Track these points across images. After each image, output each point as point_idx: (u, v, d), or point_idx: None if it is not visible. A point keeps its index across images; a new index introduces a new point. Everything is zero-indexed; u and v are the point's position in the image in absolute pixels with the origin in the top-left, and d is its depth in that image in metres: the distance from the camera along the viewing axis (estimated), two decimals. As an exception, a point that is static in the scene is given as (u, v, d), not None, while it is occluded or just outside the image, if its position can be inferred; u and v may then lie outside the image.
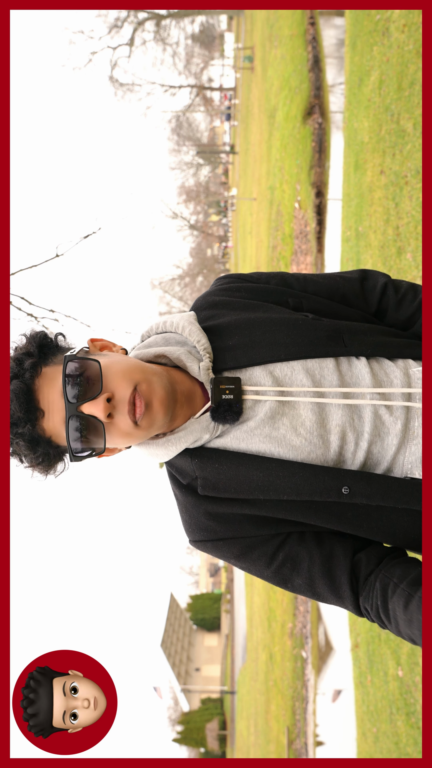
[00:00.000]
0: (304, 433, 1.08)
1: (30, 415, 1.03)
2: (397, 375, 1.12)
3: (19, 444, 1.04)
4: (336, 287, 1.25)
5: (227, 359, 1.13)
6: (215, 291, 1.24)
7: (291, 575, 1.11)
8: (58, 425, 1.04)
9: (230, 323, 1.16)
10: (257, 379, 1.11)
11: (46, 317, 11.42)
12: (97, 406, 1.03)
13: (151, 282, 48.24)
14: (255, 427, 1.09)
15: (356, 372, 1.12)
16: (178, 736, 42.98)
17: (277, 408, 1.09)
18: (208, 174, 49.09)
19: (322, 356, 1.12)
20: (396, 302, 1.25)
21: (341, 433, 1.08)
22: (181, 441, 1.11)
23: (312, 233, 9.38)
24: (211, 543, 1.13)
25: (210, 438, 1.11)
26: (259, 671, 15.84)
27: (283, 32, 13.53)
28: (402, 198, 4.79)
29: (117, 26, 32.31)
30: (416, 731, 4.03)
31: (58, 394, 1.04)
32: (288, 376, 1.11)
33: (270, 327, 1.13)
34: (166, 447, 1.12)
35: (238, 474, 1.09)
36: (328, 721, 8.76)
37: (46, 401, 1.04)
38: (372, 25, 5.80)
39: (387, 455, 1.09)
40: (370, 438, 1.08)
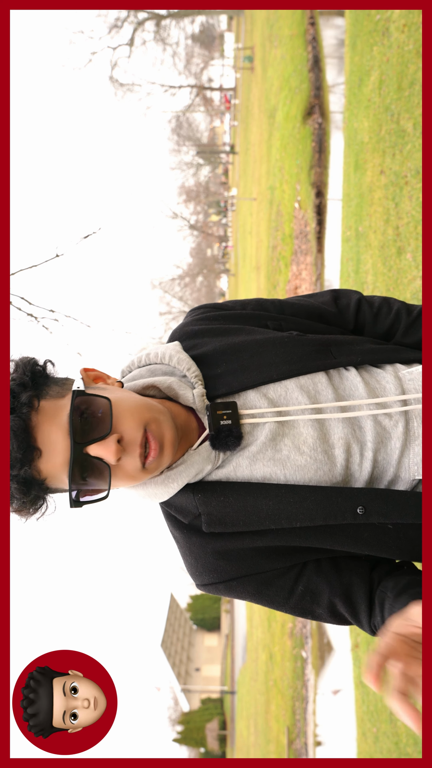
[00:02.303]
0: (308, 451, 1.03)
1: (27, 455, 0.93)
2: (389, 380, 1.10)
3: (12, 486, 0.94)
4: (312, 307, 1.23)
5: (218, 386, 1.08)
6: (192, 321, 1.19)
7: (312, 606, 1.07)
8: (57, 467, 0.95)
9: (215, 350, 1.11)
10: (252, 402, 1.06)
11: (46, 317, 11.43)
12: (108, 448, 0.94)
13: (151, 282, 48.24)
14: (257, 451, 1.03)
15: (349, 384, 1.09)
16: (178, 736, 43.02)
17: (277, 429, 1.04)
18: (208, 174, 49.11)
19: (314, 371, 1.08)
20: (372, 317, 1.24)
21: (345, 446, 1.04)
22: (181, 476, 1.04)
23: (312, 233, 9.39)
24: (224, 584, 1.07)
25: (212, 469, 1.04)
26: (259, 671, 15.85)
27: (283, 32, 13.54)
28: (402, 198, 4.79)
29: (117, 26, 32.31)
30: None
31: (60, 433, 0.94)
32: (283, 396, 1.06)
33: (257, 349, 1.10)
34: (166, 485, 1.04)
35: (245, 505, 1.02)
36: (328, 721, 8.76)
37: (46, 440, 0.94)
38: (372, 25, 5.80)
39: (392, 460, 1.06)
40: (374, 446, 1.04)
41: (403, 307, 1.25)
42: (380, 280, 5.22)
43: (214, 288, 50.77)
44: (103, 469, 0.96)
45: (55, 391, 0.99)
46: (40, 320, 11.29)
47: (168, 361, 1.11)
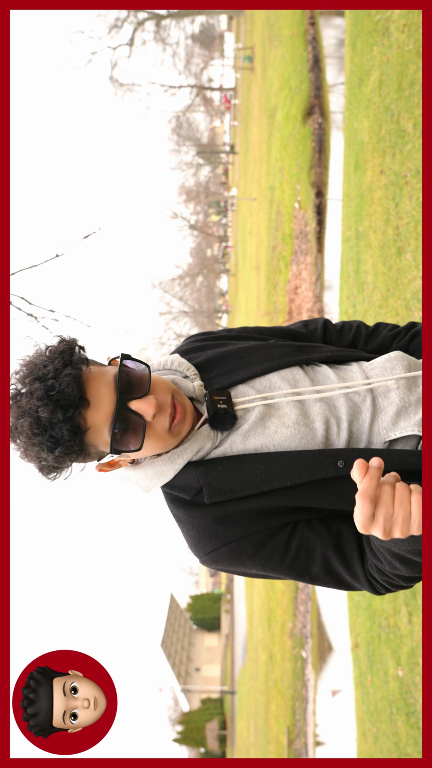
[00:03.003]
0: (291, 425, 1.20)
1: (76, 401, 1.06)
2: (355, 370, 1.30)
3: (63, 429, 1.04)
4: (286, 329, 1.47)
5: (213, 385, 1.27)
6: (186, 344, 1.41)
7: (307, 564, 1.19)
8: (102, 418, 1.09)
9: (207, 359, 1.32)
10: (242, 393, 1.25)
11: (46, 317, 11.42)
12: (148, 403, 1.12)
13: (151, 282, 48.20)
14: (249, 429, 1.21)
15: (321, 375, 1.29)
16: (178, 736, 43.00)
17: (265, 411, 1.22)
18: (208, 174, 49.09)
19: (291, 365, 1.29)
20: (336, 333, 1.48)
21: (324, 420, 1.21)
22: (186, 452, 1.20)
23: (312, 233, 9.39)
24: (225, 548, 1.18)
25: (211, 447, 1.21)
26: (259, 671, 15.84)
27: (283, 32, 13.54)
28: (402, 198, 4.79)
29: (117, 26, 32.28)
30: (416, 731, 4.03)
31: (108, 389, 1.10)
32: (267, 386, 1.26)
33: (243, 353, 1.31)
34: (172, 461, 1.20)
35: (241, 472, 1.17)
36: (328, 721, 8.76)
37: (94, 393, 1.09)
38: (372, 25, 5.80)
39: (364, 428, 1.23)
40: (348, 418, 1.22)
41: (363, 324, 1.50)
42: (380, 280, 5.22)
43: (214, 288, 50.76)
44: (138, 426, 1.13)
45: (98, 364, 1.18)
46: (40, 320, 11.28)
47: (170, 366, 1.31)
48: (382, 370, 1.29)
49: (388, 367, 1.29)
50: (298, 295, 10.03)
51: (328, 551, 1.18)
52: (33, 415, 1.04)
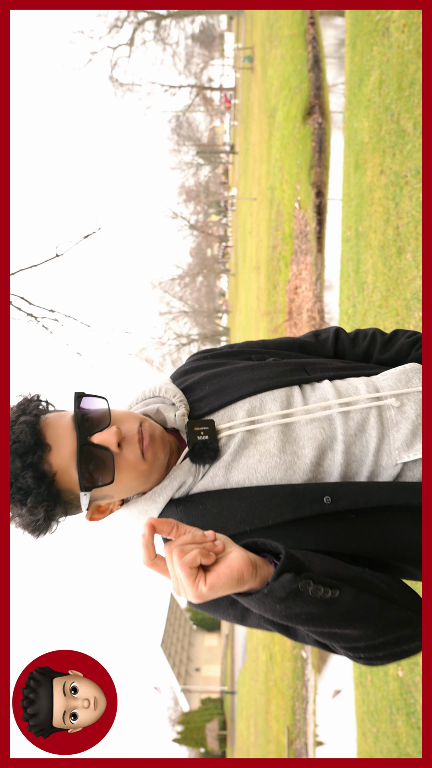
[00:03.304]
0: (277, 453, 1.10)
1: (39, 446, 1.04)
2: (360, 383, 1.18)
3: (26, 477, 1.02)
4: (294, 340, 1.37)
5: (202, 407, 1.19)
6: (186, 364, 1.34)
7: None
8: (66, 457, 1.05)
9: (200, 379, 1.24)
10: (231, 416, 1.16)
11: (46, 317, 11.44)
12: (109, 434, 1.06)
13: (151, 282, 48.18)
14: (231, 460, 1.12)
15: (319, 393, 1.17)
16: (178, 736, 43.01)
17: (246, 437, 1.13)
18: (208, 174, 49.08)
19: (288, 385, 1.18)
20: (350, 341, 1.37)
21: (315, 444, 1.10)
22: (166, 489, 1.13)
23: (312, 233, 9.39)
24: None
25: (194, 482, 1.13)
26: (259, 671, 15.85)
27: (283, 32, 13.54)
28: (402, 198, 4.79)
29: (117, 26, 32.26)
30: (416, 731, 4.03)
31: (67, 429, 1.07)
32: (258, 407, 1.16)
33: (236, 372, 1.22)
34: (153, 499, 1.14)
35: (221, 510, 1.09)
36: (328, 721, 8.76)
37: (53, 436, 1.06)
38: (372, 25, 5.80)
39: (369, 450, 1.10)
40: (345, 439, 1.10)
41: (379, 331, 1.37)
42: (380, 280, 5.22)
43: (214, 288, 50.76)
44: (106, 458, 1.07)
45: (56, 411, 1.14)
46: (40, 320, 11.29)
47: (158, 393, 1.24)
48: (396, 382, 1.16)
49: (403, 380, 1.17)
50: (298, 295, 10.03)
51: None
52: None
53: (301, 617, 0.91)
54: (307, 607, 0.89)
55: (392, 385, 1.16)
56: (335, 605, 0.90)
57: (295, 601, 0.88)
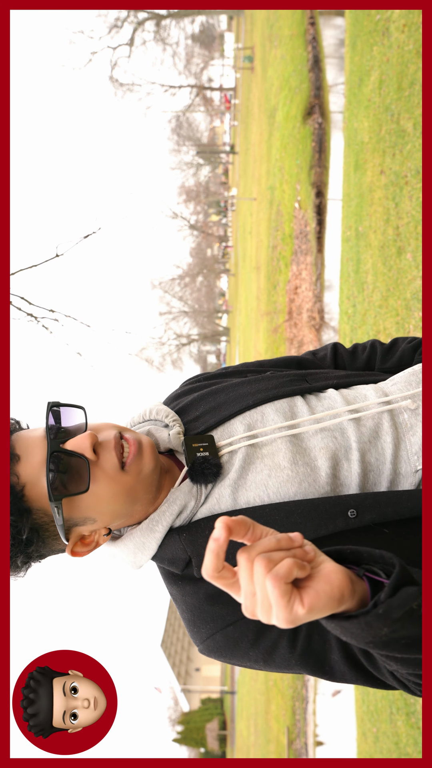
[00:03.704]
0: (288, 466, 1.00)
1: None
2: (369, 389, 1.10)
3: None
4: (292, 358, 1.29)
5: (198, 426, 1.09)
6: (179, 388, 1.25)
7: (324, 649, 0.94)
8: (36, 467, 0.95)
9: (195, 399, 1.15)
10: (230, 432, 1.07)
11: (46, 317, 11.44)
12: (83, 438, 0.96)
13: (151, 282, 48.20)
14: (237, 478, 1.01)
15: (327, 402, 1.08)
16: (178, 736, 43.02)
17: (250, 452, 1.03)
18: (208, 174, 49.09)
19: (290, 395, 1.09)
20: (349, 355, 1.30)
21: (328, 455, 1.01)
22: (165, 516, 1.01)
23: (312, 233, 9.39)
24: (221, 634, 0.98)
25: (196, 505, 1.01)
26: (259, 671, 15.82)
27: (283, 32, 13.54)
28: (402, 198, 4.79)
29: (117, 26, 32.28)
30: (416, 731, 4.03)
31: (38, 439, 0.97)
32: (259, 420, 1.06)
33: (233, 387, 1.13)
34: (151, 528, 1.02)
35: None
36: (328, 721, 8.76)
37: (23, 445, 0.97)
38: (372, 25, 5.80)
39: (386, 458, 1.02)
40: (359, 447, 1.02)
41: (377, 341, 1.31)
42: (380, 280, 5.22)
43: (214, 288, 50.77)
44: (81, 466, 0.96)
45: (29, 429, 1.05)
46: (40, 320, 11.30)
47: (149, 415, 1.14)
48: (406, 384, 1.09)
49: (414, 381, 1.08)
50: (298, 295, 10.03)
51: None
52: None
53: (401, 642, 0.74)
54: (415, 629, 0.73)
55: (402, 388, 1.08)
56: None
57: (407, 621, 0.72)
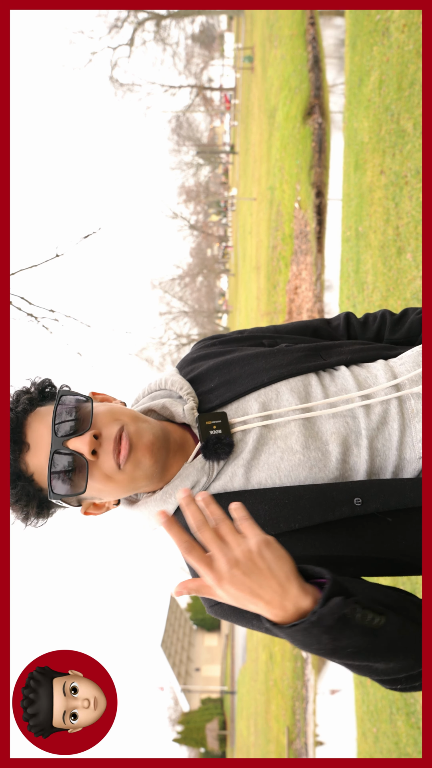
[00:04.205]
0: (300, 450, 1.03)
1: (15, 446, 1.02)
2: (379, 369, 1.12)
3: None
4: (306, 325, 1.30)
5: (212, 399, 1.12)
6: (192, 351, 1.27)
7: None
8: (42, 461, 1.02)
9: (209, 368, 1.16)
10: (244, 409, 1.09)
11: (46, 317, 11.43)
12: (83, 440, 1.00)
13: (151, 282, 48.21)
14: (250, 458, 1.05)
15: (340, 382, 1.10)
16: (178, 736, 43.01)
17: (264, 433, 1.06)
18: (208, 174, 49.09)
19: (303, 372, 1.11)
20: (360, 325, 1.32)
21: (339, 440, 1.04)
22: (177, 489, 1.06)
23: (312, 233, 9.39)
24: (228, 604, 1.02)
25: (208, 481, 1.06)
26: (259, 671, 15.85)
27: (283, 32, 13.54)
28: (402, 198, 4.79)
29: (117, 26, 32.27)
30: (416, 731, 4.03)
31: (47, 430, 1.03)
32: (274, 399, 1.09)
33: (247, 360, 1.14)
34: (164, 500, 1.07)
35: None
36: (328, 721, 8.76)
37: (34, 435, 1.03)
38: (372, 25, 5.79)
39: (393, 444, 1.05)
40: (368, 434, 1.04)
41: (388, 312, 1.32)
42: (380, 280, 5.22)
43: (214, 288, 50.76)
44: (82, 466, 1.02)
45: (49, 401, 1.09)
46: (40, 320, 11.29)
47: (164, 385, 1.17)
48: (414, 365, 1.10)
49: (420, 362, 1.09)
50: (298, 295, 10.03)
51: None
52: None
53: (347, 650, 0.85)
54: (355, 638, 0.83)
55: (410, 368, 1.10)
56: (382, 635, 0.84)
57: (342, 630, 0.81)
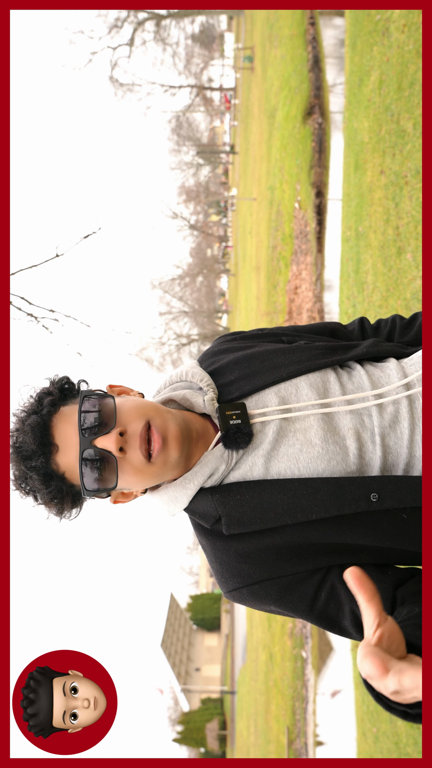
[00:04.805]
0: (319, 443, 1.07)
1: (44, 448, 1.04)
2: (392, 368, 1.16)
3: (33, 478, 1.04)
4: (324, 326, 1.35)
5: (232, 391, 1.16)
6: (214, 346, 1.31)
7: (337, 615, 1.05)
8: (72, 461, 1.05)
9: (230, 361, 1.20)
10: (264, 402, 1.13)
11: (46, 317, 11.44)
12: (110, 439, 1.04)
13: (151, 282, 48.20)
14: (270, 449, 1.08)
15: (356, 380, 1.15)
16: (178, 736, 42.99)
17: (285, 426, 1.09)
18: (208, 174, 49.08)
19: (321, 368, 1.15)
20: (373, 331, 1.37)
21: (356, 435, 1.08)
22: (197, 476, 1.10)
23: (312, 233, 9.38)
24: (247, 589, 1.08)
25: (227, 469, 1.10)
26: (259, 671, 15.85)
27: (283, 32, 13.53)
28: (402, 198, 4.79)
29: (117, 26, 32.28)
30: (416, 731, 4.03)
31: (74, 430, 1.06)
32: (293, 393, 1.12)
33: (268, 355, 1.18)
34: (184, 486, 1.11)
35: (261, 502, 1.06)
36: (328, 721, 8.75)
37: (62, 436, 1.06)
38: (372, 25, 5.79)
39: (404, 442, 1.09)
40: (381, 431, 1.08)
41: (398, 316, 1.38)
42: (380, 280, 5.22)
43: (214, 288, 50.74)
44: (111, 462, 1.06)
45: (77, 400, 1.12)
46: (40, 320, 11.29)
47: (185, 377, 1.21)
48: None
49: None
50: (298, 295, 10.03)
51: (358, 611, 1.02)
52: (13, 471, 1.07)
53: None
54: None
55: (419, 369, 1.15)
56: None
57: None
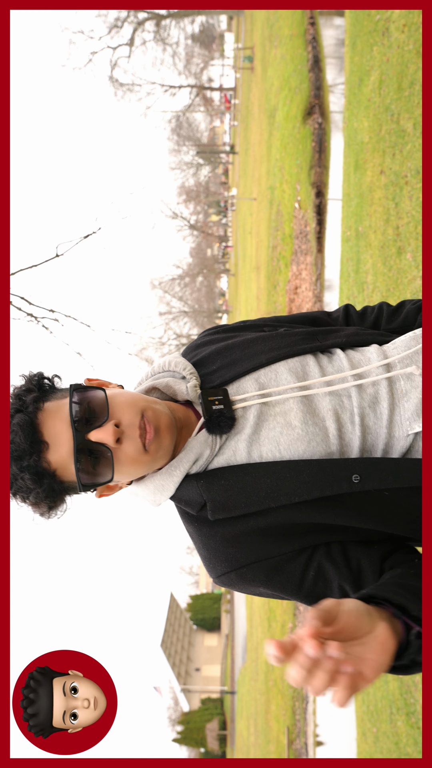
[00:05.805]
0: (299, 425, 1.08)
1: (34, 447, 1.02)
2: (373, 352, 1.17)
3: (24, 478, 1.02)
4: (306, 314, 1.36)
5: (214, 380, 1.17)
6: (198, 339, 1.32)
7: (325, 593, 1.06)
8: (63, 457, 1.03)
9: (211, 352, 1.22)
10: (244, 388, 1.14)
11: (46, 317, 11.44)
12: (106, 431, 1.03)
13: (151, 282, 48.18)
14: (251, 433, 1.09)
15: (336, 363, 1.16)
16: (178, 736, 43.00)
17: (265, 410, 1.11)
18: (208, 174, 49.09)
19: (300, 354, 1.16)
20: (359, 317, 1.37)
21: (335, 417, 1.09)
22: (182, 462, 1.11)
23: (312, 233, 9.38)
24: (235, 573, 1.09)
25: (211, 454, 1.11)
26: (259, 671, 15.85)
27: (283, 32, 13.54)
28: (402, 198, 4.79)
29: (117, 26, 32.27)
30: (416, 731, 4.03)
31: (64, 425, 1.04)
32: (273, 378, 1.14)
33: (248, 344, 1.20)
34: (170, 473, 1.11)
35: (245, 485, 1.07)
36: (328, 721, 8.75)
37: (51, 433, 1.03)
38: (372, 25, 5.79)
39: (383, 422, 1.10)
40: (360, 412, 1.09)
41: (385, 303, 1.37)
42: (380, 280, 5.22)
43: (214, 288, 50.74)
44: (106, 454, 1.05)
45: (60, 395, 1.09)
46: (40, 320, 11.30)
47: (168, 367, 1.21)
48: (406, 349, 1.15)
49: (413, 346, 1.14)
50: (298, 295, 10.03)
51: (347, 586, 1.04)
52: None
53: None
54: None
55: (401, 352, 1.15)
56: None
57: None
